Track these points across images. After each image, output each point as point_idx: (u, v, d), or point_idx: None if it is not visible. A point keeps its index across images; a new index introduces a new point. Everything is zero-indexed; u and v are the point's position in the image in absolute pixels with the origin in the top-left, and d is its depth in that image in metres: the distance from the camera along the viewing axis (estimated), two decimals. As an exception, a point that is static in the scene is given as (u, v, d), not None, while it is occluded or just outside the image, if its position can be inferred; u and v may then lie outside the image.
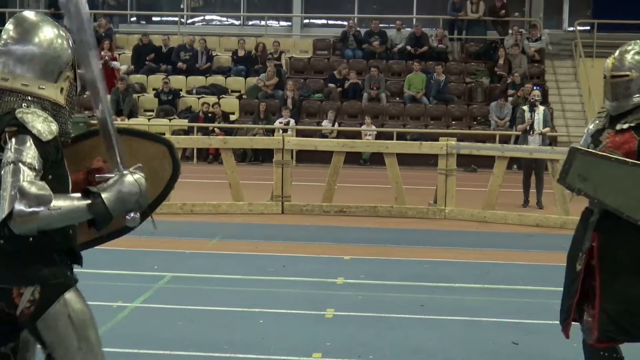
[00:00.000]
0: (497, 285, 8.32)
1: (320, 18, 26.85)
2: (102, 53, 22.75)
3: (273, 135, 15.34)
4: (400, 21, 24.60)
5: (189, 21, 27.04)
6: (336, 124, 21.25)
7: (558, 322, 6.93)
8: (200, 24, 27.18)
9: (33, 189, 3.10)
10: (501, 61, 22.88)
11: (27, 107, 3.28)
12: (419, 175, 15.43)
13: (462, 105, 22.52)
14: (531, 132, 13.87)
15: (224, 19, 27.55)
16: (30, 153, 3.17)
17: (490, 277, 8.69)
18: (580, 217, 4.90)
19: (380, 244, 10.51)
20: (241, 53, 23.60)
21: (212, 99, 22.05)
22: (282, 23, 27.18)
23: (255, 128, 20.80)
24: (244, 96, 22.72)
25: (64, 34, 3.47)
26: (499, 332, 6.62)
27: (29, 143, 3.19)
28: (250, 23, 27.09)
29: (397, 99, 22.73)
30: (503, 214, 12.49)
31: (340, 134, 20.07)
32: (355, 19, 25.41)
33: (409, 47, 23.78)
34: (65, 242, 3.41)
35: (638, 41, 4.99)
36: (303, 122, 21.67)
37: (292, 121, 21.16)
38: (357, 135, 20.29)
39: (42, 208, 3.10)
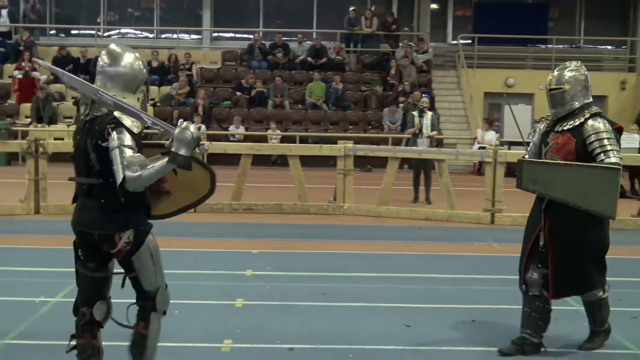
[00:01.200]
0: (391, 273, 8.42)
1: (229, 32, 26.71)
2: (23, 64, 22.22)
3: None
4: (301, 35, 24.66)
5: (106, 34, 26.55)
6: (243, 128, 21.21)
7: (447, 306, 7.10)
8: (116, 36, 26.70)
9: (135, 160, 4.21)
10: (393, 71, 23.15)
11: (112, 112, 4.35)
12: (320, 175, 15.49)
13: (358, 111, 22.70)
14: (420, 135, 14.07)
15: (139, 32, 27.16)
16: (128, 138, 4.27)
17: (384, 266, 8.79)
18: (534, 203, 5.81)
19: (285, 238, 10.52)
20: (155, 64, 23.28)
21: (127, 107, 21.75)
22: (193, 36, 26.94)
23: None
24: (157, 104, 22.45)
25: (140, 60, 4.57)
26: (394, 316, 6.69)
27: (125, 132, 4.29)
28: (163, 36, 26.78)
29: (300, 105, 22.79)
30: (396, 209, 12.65)
31: (248, 138, 20.01)
32: (261, 32, 25.38)
33: (309, 59, 23.87)
34: (146, 200, 4.50)
35: (573, 62, 5.97)
36: (213, 128, 21.55)
37: (203, 127, 20.96)
38: (264, 139, 20.28)
39: (143, 170, 4.20)
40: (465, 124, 22.57)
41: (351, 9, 25.07)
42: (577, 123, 5.61)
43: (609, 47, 26.95)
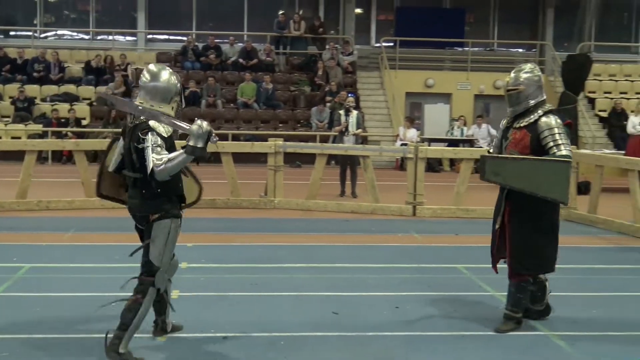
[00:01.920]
0: (320, 264, 8.46)
1: (163, 34, 26.41)
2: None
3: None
4: (233, 37, 24.54)
5: (42, 35, 25.96)
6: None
7: (373, 293, 7.16)
8: (53, 38, 26.14)
9: (161, 156, 4.99)
10: (320, 72, 23.21)
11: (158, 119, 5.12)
12: (252, 171, 15.44)
13: (288, 110, 22.71)
14: (346, 133, 14.14)
15: (75, 33, 26.64)
16: (158, 140, 5.04)
17: (314, 257, 8.82)
18: (498, 193, 6.11)
19: (219, 232, 10.47)
20: (91, 65, 22.95)
21: (65, 106, 21.41)
22: (128, 38, 26.54)
23: (105, 132, 20.25)
24: (94, 103, 22.09)
25: (174, 75, 5.35)
26: (322, 304, 6.72)
27: (155, 135, 5.05)
28: (99, 38, 26.32)
29: (232, 105, 22.67)
30: (324, 202, 12.70)
31: (182, 136, 19.77)
32: (194, 34, 25.16)
33: (241, 60, 23.77)
34: (178, 190, 5.31)
35: (528, 64, 6.14)
36: (148, 126, 21.28)
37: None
38: (197, 137, 20.07)
39: (167, 163, 4.97)
40: (388, 122, 22.77)
41: (280, 12, 25.04)
42: (532, 120, 5.88)
43: (520, 50, 27.51)
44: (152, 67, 5.36)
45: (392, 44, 24.89)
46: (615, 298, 7.28)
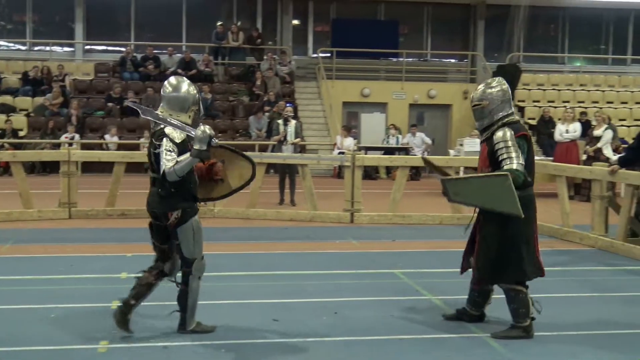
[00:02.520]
0: (260, 271, 8.43)
1: (101, 44, 26.04)
2: None
3: (59, 149, 14.67)
4: (171, 48, 24.36)
5: (-22, 46, 25.42)
6: (117, 137, 20.76)
7: (312, 300, 7.16)
8: (-11, 48, 25.60)
9: (170, 158, 5.49)
10: (258, 82, 23.19)
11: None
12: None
13: (227, 120, 22.62)
14: (285, 142, 14.15)
15: (11, 44, 26.08)
16: (170, 145, 5.52)
17: (254, 264, 8.78)
18: None
19: (159, 241, 10.33)
20: (28, 76, 22.51)
21: (1, 117, 20.95)
22: (66, 48, 26.09)
23: (43, 143, 19.88)
24: (31, 114, 21.65)
25: (191, 86, 5.83)
26: (263, 312, 6.69)
27: (168, 141, 5.54)
28: (36, 48, 25.82)
29: (171, 115, 22.45)
30: (263, 211, 12.67)
31: (122, 147, 19.55)
32: (132, 45, 24.89)
33: (180, 70, 23.55)
34: (193, 191, 5.78)
35: (495, 79, 6.16)
36: (87, 137, 21.00)
37: (76, 136, 20.44)
38: (137, 147, 19.88)
39: (175, 165, 5.48)
40: (326, 131, 22.85)
41: (219, 23, 24.94)
42: (489, 133, 5.94)
43: (453, 60, 27.94)
44: (172, 79, 5.87)
45: (329, 54, 25.01)
46: (545, 300, 7.40)
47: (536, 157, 14.96)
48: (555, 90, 24.80)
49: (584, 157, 15.72)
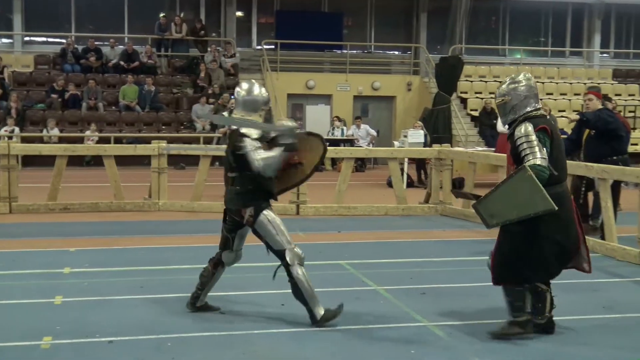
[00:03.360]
0: (205, 264, 8.33)
1: (41, 36, 25.50)
2: None
3: (-1, 142, 14.37)
4: (113, 39, 24.00)
5: None
6: (58, 130, 20.40)
7: (259, 292, 7.12)
8: None
9: (262, 155, 5.81)
10: (202, 74, 23.03)
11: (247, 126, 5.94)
12: (136, 174, 15.15)
13: (171, 112, 22.40)
14: (231, 135, 14.07)
15: (-52, 36, 25.42)
16: (254, 144, 5.86)
17: (199, 258, 8.69)
18: None
19: (102, 235, 10.21)
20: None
21: (-63, 110, 20.39)
22: (4, 40, 25.48)
23: (-18, 136, 19.43)
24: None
25: (261, 88, 6.17)
26: (210, 304, 6.64)
27: (252, 140, 5.86)
28: (-27, 40, 25.21)
29: (113, 107, 22.17)
30: (209, 204, 12.59)
31: (64, 140, 19.23)
32: (73, 37, 24.44)
33: (122, 62, 23.28)
34: (266, 188, 6.00)
35: (521, 74, 5.92)
36: (27, 130, 20.59)
37: (16, 129, 20.03)
38: (79, 140, 19.58)
39: (267, 160, 5.79)
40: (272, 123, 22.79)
41: (161, 15, 24.65)
42: (512, 130, 5.76)
43: (396, 52, 28.09)
44: (244, 84, 6.18)
45: (273, 46, 24.92)
46: (489, 288, 7.51)
47: (478, 148, 15.17)
48: (497, 82, 25.05)
49: (525, 147, 15.95)
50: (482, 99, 23.32)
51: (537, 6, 28.58)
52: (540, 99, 5.94)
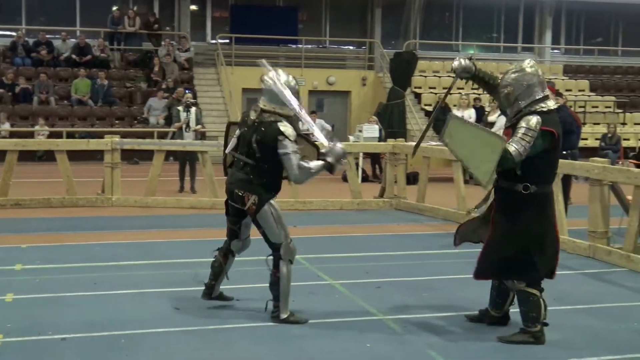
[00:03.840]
0: (160, 260, 8.32)
1: (-11, 29, 25.02)
2: None
3: (-53, 137, 14.08)
4: (65, 33, 23.63)
5: None
6: (9, 125, 20.04)
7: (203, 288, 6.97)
8: None
9: (303, 164, 5.84)
10: (156, 68, 22.80)
11: (280, 121, 5.88)
12: (88, 169, 14.96)
13: (124, 106, 22.15)
14: (187, 130, 14.02)
15: None
16: (295, 146, 5.83)
17: (153, 253, 8.66)
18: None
19: (54, 231, 10.07)
20: None
21: None
22: (-48, 33, 24.96)
23: None
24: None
25: (295, 80, 6.07)
26: (163, 300, 6.62)
27: (293, 142, 5.83)
28: None
29: (65, 102, 21.84)
30: (163, 199, 12.51)
31: (14, 134, 18.89)
32: (24, 30, 24.01)
33: (74, 56, 22.94)
34: (276, 184, 6.03)
35: (525, 61, 5.70)
36: (-24, 124, 20.18)
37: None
38: (30, 134, 19.26)
39: (304, 171, 5.85)
40: (226, 117, 22.62)
41: (114, 8, 24.36)
42: (516, 120, 5.53)
43: (351, 47, 28.14)
44: (272, 74, 5.96)
45: (227, 40, 24.78)
46: (442, 281, 7.61)
47: (432, 143, 15.33)
48: (451, 77, 25.21)
49: (478, 142, 16.12)
50: (436, 94, 23.49)
51: (490, 2, 28.87)
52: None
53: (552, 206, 5.74)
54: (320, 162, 5.92)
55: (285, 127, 5.85)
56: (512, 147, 5.36)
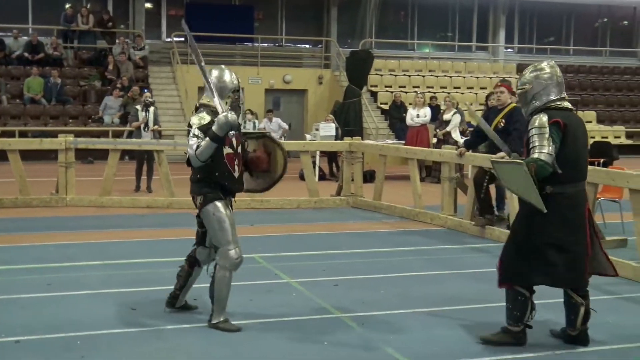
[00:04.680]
0: (116, 260, 8.22)
1: (-62, 26, 24.47)
2: None
3: None
4: (17, 30, 23.23)
5: None
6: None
7: (170, 287, 6.98)
8: None
9: (195, 142, 5.69)
10: (111, 67, 22.54)
11: (200, 112, 5.88)
12: (42, 168, 14.73)
13: (78, 105, 21.85)
14: (146, 129, 13.90)
15: None
16: (195, 131, 5.69)
17: (109, 253, 8.56)
18: None
19: (7, 232, 9.89)
20: None
21: None
22: None
23: None
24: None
25: (234, 76, 6.01)
26: (120, 301, 6.54)
27: (192, 130, 5.74)
28: None
29: (18, 100, 21.47)
30: (118, 198, 12.37)
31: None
32: (-27, 27, 23.57)
33: (26, 54, 22.56)
34: (220, 180, 5.84)
35: (543, 62, 5.62)
36: None
37: None
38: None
39: (196, 150, 5.64)
40: (182, 116, 22.51)
41: (67, 5, 24.03)
42: (528, 121, 5.48)
43: (307, 45, 28.14)
44: (215, 70, 6.00)
45: (183, 39, 24.58)
46: (399, 278, 7.66)
47: (388, 141, 15.31)
48: (406, 76, 25.49)
49: (434, 140, 16.28)
50: (392, 92, 23.58)
51: (445, 1, 29.12)
52: (449, 93, 5.87)
53: (577, 209, 5.38)
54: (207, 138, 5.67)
55: (193, 118, 5.84)
56: (542, 155, 5.19)
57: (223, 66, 6.12)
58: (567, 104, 5.49)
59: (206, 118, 5.78)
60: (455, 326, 5.92)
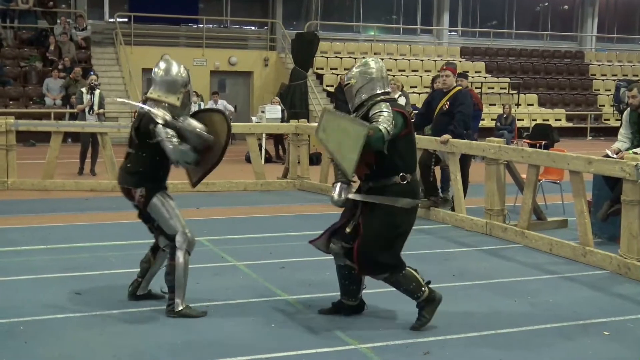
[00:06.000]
0: (59, 244, 8.11)
1: None
2: None
3: None
4: (-47, 9, 22.62)
5: None
6: None
7: (115, 271, 6.94)
8: None
9: (178, 145, 5.60)
10: (52, 47, 22.09)
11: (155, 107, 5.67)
12: (-19, 151, 14.38)
13: (18, 87, 21.38)
14: (91, 112, 13.67)
15: None
16: (170, 132, 5.59)
17: (52, 238, 8.43)
18: None
19: (-54, 216, 9.67)
20: None
21: None
22: None
23: None
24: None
25: (183, 68, 5.79)
26: (63, 286, 6.45)
27: (161, 128, 5.57)
28: None
29: (-45, 81, 20.94)
30: (61, 182, 12.18)
31: None
32: None
33: (-37, 34, 22.00)
34: (158, 172, 5.81)
35: (369, 59, 5.79)
36: None
37: None
38: None
39: (181, 146, 5.60)
40: (126, 98, 22.22)
41: (6, -16, 23.42)
42: (364, 113, 5.49)
43: (253, 27, 27.97)
44: (162, 62, 5.77)
45: (126, 19, 24.22)
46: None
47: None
48: (352, 59, 25.51)
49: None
50: (337, 74, 23.63)
51: (390, -16, 29.19)
52: (394, 76, 5.92)
53: (417, 197, 5.64)
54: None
55: (155, 112, 5.63)
56: (382, 126, 5.27)
57: (168, 56, 5.96)
58: (393, 97, 5.73)
59: (166, 117, 5.61)
60: (400, 305, 5.96)
